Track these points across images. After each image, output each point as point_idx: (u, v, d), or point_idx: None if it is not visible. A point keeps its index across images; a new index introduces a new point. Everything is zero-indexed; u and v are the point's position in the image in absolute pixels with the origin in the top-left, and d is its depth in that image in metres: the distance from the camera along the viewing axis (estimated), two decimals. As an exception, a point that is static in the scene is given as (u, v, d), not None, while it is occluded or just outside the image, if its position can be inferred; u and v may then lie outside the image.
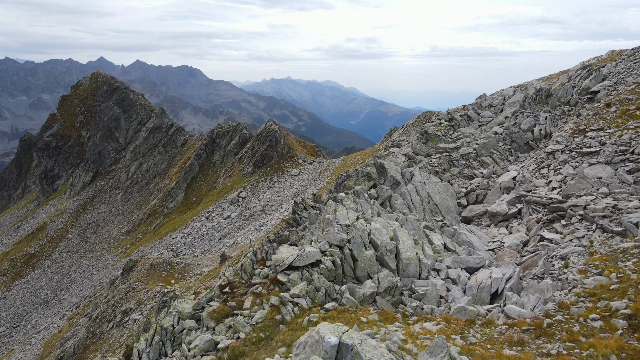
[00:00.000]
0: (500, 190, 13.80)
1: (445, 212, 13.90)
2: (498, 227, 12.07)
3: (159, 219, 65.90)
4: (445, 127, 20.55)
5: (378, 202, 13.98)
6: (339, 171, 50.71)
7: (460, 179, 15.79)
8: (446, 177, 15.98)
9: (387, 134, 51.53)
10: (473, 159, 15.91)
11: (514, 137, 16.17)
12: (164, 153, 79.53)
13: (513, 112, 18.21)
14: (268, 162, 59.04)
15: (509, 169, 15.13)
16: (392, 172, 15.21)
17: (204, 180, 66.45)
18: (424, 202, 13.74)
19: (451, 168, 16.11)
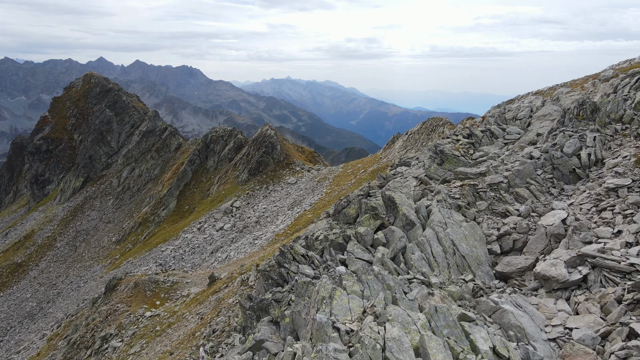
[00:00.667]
0: (546, 237, 10.45)
1: (475, 266, 10.57)
2: (555, 299, 8.69)
3: (150, 227, 62.58)
4: (464, 145, 17.18)
5: (388, 253, 10.61)
6: (338, 180, 47.39)
7: (490, 216, 12.43)
8: (471, 213, 12.62)
9: (389, 140, 48.20)
10: (505, 191, 12.53)
11: (555, 164, 12.80)
12: (157, 158, 76.17)
13: (550, 131, 14.81)
14: (264, 170, 55.69)
15: (553, 205, 11.77)
16: (404, 209, 11.86)
17: (197, 188, 63.11)
18: (447, 253, 10.41)
19: (477, 201, 12.73)
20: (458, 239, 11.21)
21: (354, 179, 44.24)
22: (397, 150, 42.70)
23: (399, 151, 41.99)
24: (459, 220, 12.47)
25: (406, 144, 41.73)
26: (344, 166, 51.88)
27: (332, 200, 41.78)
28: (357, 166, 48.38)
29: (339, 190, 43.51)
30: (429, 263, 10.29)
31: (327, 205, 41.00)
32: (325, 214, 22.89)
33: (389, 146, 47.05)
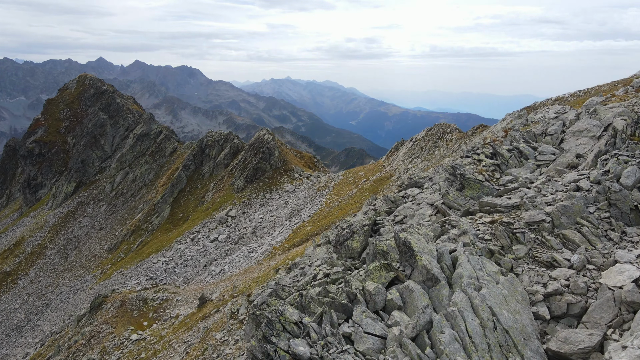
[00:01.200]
0: (614, 303, 7.77)
1: (522, 343, 7.99)
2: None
3: (142, 235, 59.92)
4: (488, 166, 14.50)
5: (409, 329, 7.97)
6: (338, 189, 44.69)
7: (532, 265, 9.80)
8: (507, 261, 9.99)
9: (393, 147, 45.47)
10: (548, 232, 9.85)
11: (612, 199, 10.15)
12: (152, 162, 73.48)
13: (597, 154, 12.13)
14: (261, 177, 52.99)
15: (616, 256, 9.14)
16: (424, 259, 9.25)
17: (192, 194, 60.42)
18: (486, 328, 7.83)
19: (513, 245, 9.99)
20: (497, 304, 8.62)
21: (355, 188, 41.57)
22: (401, 159, 40.02)
23: (403, 159, 39.32)
24: (493, 272, 9.86)
25: (411, 152, 39.04)
26: (344, 174, 49.19)
27: (332, 212, 39.16)
28: (358, 174, 45.69)
29: (340, 201, 40.84)
30: (464, 346, 7.66)
31: (327, 218, 38.38)
32: (325, 239, 20.22)
33: (392, 153, 44.33)
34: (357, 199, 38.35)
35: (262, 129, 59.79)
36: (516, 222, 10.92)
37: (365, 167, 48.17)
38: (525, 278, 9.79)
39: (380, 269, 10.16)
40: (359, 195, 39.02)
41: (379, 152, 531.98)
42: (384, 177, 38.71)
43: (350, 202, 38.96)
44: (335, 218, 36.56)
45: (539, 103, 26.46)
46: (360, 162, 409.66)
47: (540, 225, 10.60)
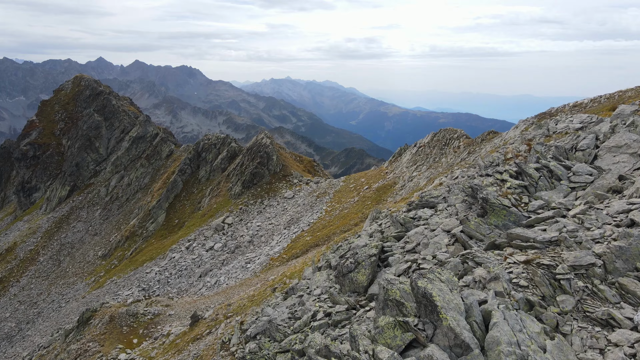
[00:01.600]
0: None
1: None
2: None
3: (137, 242, 57.97)
4: (514, 189, 12.51)
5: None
6: (339, 196, 42.70)
7: (582, 323, 7.81)
8: (550, 316, 8.03)
9: (396, 152, 43.46)
10: (600, 280, 7.84)
11: (680, 239, 8.09)
12: (147, 165, 71.48)
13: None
14: (258, 182, 51.02)
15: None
16: (450, 318, 7.36)
17: (188, 200, 58.43)
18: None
19: (557, 295, 8.03)
20: (548, 382, 6.70)
21: (356, 196, 39.59)
22: (405, 165, 38.04)
23: (407, 166, 37.34)
24: (536, 334, 7.89)
25: (415, 158, 37.06)
26: (345, 179, 47.21)
27: (332, 221, 37.18)
28: (360, 180, 43.69)
29: (340, 209, 38.85)
30: None
31: (327, 228, 36.41)
32: (325, 262, 18.22)
33: (395, 159, 42.32)
34: (359, 208, 36.37)
35: (260, 131, 57.80)
36: (558, 265, 8.96)
37: (367, 172, 46.17)
38: (576, 341, 7.82)
39: (394, 328, 8.17)
40: (361, 204, 37.04)
41: (379, 152, 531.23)
42: (387, 185, 36.73)
43: (351, 210, 36.98)
44: (336, 228, 34.58)
45: (556, 109, 24.48)
46: (360, 162, 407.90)
47: (590, 271, 8.66)
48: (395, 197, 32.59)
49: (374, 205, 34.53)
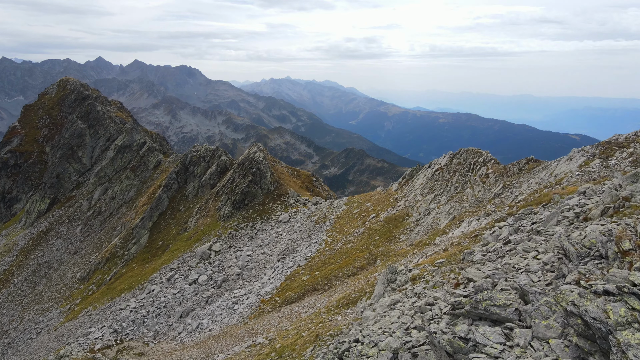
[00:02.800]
0: None
1: None
2: None
3: (118, 265, 52.17)
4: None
5: None
6: (341, 224, 36.84)
7: None
8: None
9: (407, 173, 37.54)
10: None
11: None
12: (133, 177, 65.62)
13: None
14: (250, 202, 45.16)
15: None
16: None
17: (174, 218, 52.61)
18: None
19: None
20: None
21: (361, 225, 33.75)
22: (418, 191, 32.19)
23: (421, 193, 31.48)
24: None
25: (431, 184, 31.20)
26: (348, 202, 41.34)
27: (334, 258, 31.36)
28: (365, 205, 37.82)
29: (343, 241, 33.02)
30: None
31: (328, 266, 30.59)
32: None
33: (407, 181, 36.42)
34: (365, 243, 30.53)
35: (253, 144, 51.93)
36: None
37: (372, 195, 40.22)
38: None
39: None
40: (367, 238, 31.19)
41: (379, 152, 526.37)
42: (398, 216, 30.88)
43: (356, 246, 31.13)
44: (338, 269, 28.75)
45: (625, 138, 18.69)
46: (360, 162, 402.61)
47: None
48: (410, 235, 26.76)
49: (383, 243, 28.72)
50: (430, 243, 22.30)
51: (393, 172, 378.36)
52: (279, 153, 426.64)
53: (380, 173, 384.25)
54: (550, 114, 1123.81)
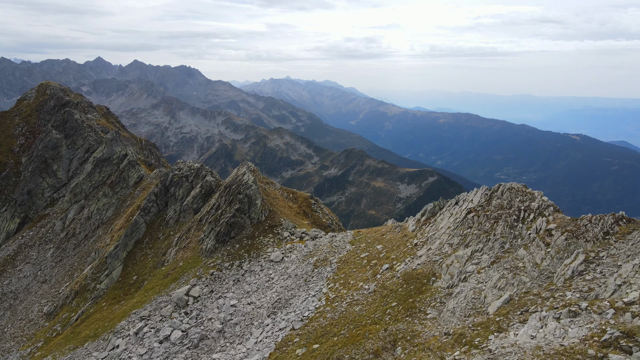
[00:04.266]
0: None
1: None
2: None
3: (87, 301, 44.88)
4: None
5: None
6: (346, 271, 29.46)
7: None
8: None
9: (427, 210, 30.12)
10: None
11: None
12: (111, 195, 58.28)
13: None
14: (237, 235, 37.81)
15: None
16: None
17: (151, 247, 45.28)
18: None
19: None
20: None
21: (372, 279, 26.38)
22: (445, 239, 24.77)
23: (449, 242, 24.09)
24: None
25: (463, 232, 23.80)
26: (353, 239, 33.95)
27: (336, 325, 24.02)
28: (374, 247, 30.43)
29: (349, 301, 25.66)
30: None
31: (329, 337, 23.24)
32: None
33: (427, 220, 29.02)
34: (378, 309, 23.16)
35: (242, 163, 44.56)
36: None
37: (383, 233, 32.73)
38: None
39: None
40: (380, 301, 23.82)
41: (379, 153, 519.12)
42: (420, 274, 23.47)
43: (366, 311, 23.78)
44: (343, 347, 21.39)
45: None
46: (360, 163, 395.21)
47: None
48: (442, 311, 19.43)
49: (402, 315, 21.44)
50: (481, 346, 14.97)
51: (393, 173, 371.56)
52: (278, 154, 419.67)
53: (381, 174, 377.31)
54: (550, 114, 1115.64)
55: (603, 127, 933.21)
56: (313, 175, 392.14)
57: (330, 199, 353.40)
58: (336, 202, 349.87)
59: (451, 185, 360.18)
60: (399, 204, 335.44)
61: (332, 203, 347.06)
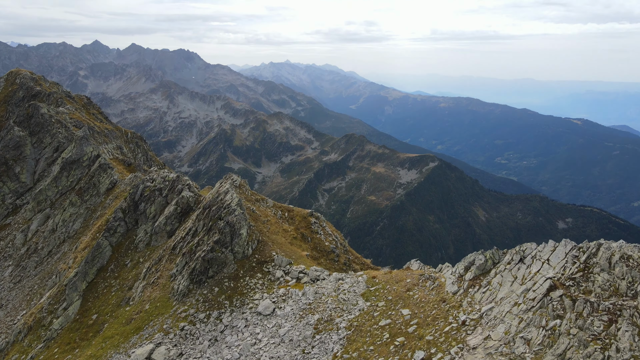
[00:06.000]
0: None
1: None
2: None
3: (40, 341, 36.63)
4: None
5: None
6: (358, 344, 20.95)
7: None
8: None
9: (474, 266, 21.58)
10: None
11: None
12: (79, 204, 49.63)
13: None
14: (216, 274, 29.22)
15: None
16: None
17: (117, 277, 36.79)
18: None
19: None
20: None
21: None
22: (513, 322, 16.21)
23: (522, 332, 15.53)
24: None
25: (547, 322, 15.24)
26: (367, 288, 25.26)
27: None
28: (398, 311, 21.78)
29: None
30: None
31: None
32: None
33: (476, 280, 20.43)
34: None
35: (226, 177, 35.75)
36: None
37: (409, 287, 24.05)
38: None
39: None
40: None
41: (379, 137, 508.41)
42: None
43: None
44: None
45: None
46: (361, 148, 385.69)
47: None
48: None
49: None
50: None
51: (394, 159, 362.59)
52: (278, 139, 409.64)
53: (381, 159, 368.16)
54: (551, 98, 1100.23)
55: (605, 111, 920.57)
56: (313, 160, 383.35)
57: (330, 185, 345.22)
58: (336, 187, 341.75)
59: (452, 171, 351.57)
60: (399, 189, 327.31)
61: (332, 189, 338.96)
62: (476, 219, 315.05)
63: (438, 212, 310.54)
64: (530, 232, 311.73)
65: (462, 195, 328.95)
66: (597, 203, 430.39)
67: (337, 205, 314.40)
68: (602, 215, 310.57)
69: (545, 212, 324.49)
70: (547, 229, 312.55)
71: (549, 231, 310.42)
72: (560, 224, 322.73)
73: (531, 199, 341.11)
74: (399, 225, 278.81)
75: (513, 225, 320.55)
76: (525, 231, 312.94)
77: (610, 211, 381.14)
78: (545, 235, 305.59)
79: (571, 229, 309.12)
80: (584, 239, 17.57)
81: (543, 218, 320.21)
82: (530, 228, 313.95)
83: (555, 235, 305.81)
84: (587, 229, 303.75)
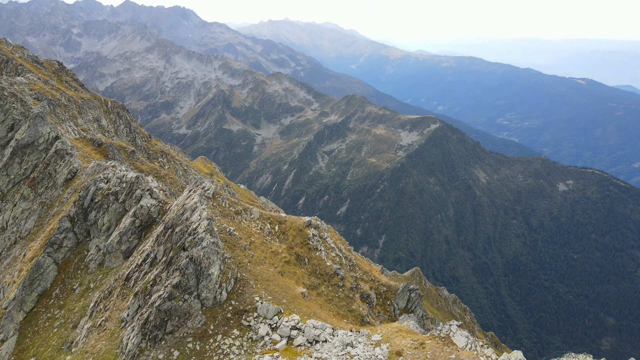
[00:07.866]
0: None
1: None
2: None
3: (-26, 382, 28.86)
4: None
5: None
6: None
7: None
8: None
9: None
10: None
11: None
12: (32, 198, 40.88)
13: None
14: (177, 329, 20.79)
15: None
16: None
17: (62, 306, 28.53)
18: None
19: None
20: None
21: None
22: None
23: None
24: None
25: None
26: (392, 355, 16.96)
27: None
28: None
29: None
30: None
31: None
32: None
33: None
34: None
35: (196, 184, 26.77)
36: None
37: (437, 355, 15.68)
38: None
39: None
40: None
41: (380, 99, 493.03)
42: None
43: None
44: None
45: None
46: (362, 109, 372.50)
47: None
48: None
49: None
50: None
51: (395, 120, 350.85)
52: (277, 100, 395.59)
53: (382, 121, 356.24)
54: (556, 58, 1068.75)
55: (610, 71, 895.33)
56: (313, 122, 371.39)
57: (330, 147, 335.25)
58: (336, 149, 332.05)
59: (453, 133, 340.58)
60: (400, 151, 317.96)
61: (332, 151, 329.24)
62: (477, 181, 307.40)
63: (439, 174, 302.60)
64: (531, 194, 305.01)
65: (463, 157, 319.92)
66: (598, 164, 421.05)
67: (337, 167, 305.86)
68: (603, 177, 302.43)
69: (547, 174, 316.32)
70: (548, 191, 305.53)
71: (550, 193, 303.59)
72: (561, 186, 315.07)
73: (532, 160, 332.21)
74: (399, 187, 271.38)
75: (514, 187, 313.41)
76: (525, 193, 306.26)
77: (611, 172, 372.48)
78: (546, 197, 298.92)
79: (572, 191, 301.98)
80: (585, 201, 7.81)
81: (544, 180, 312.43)
82: (531, 190, 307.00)
83: (556, 197, 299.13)
84: (588, 190, 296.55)
